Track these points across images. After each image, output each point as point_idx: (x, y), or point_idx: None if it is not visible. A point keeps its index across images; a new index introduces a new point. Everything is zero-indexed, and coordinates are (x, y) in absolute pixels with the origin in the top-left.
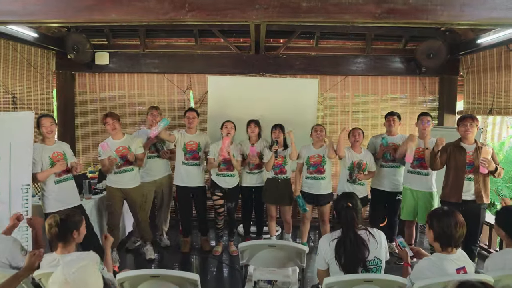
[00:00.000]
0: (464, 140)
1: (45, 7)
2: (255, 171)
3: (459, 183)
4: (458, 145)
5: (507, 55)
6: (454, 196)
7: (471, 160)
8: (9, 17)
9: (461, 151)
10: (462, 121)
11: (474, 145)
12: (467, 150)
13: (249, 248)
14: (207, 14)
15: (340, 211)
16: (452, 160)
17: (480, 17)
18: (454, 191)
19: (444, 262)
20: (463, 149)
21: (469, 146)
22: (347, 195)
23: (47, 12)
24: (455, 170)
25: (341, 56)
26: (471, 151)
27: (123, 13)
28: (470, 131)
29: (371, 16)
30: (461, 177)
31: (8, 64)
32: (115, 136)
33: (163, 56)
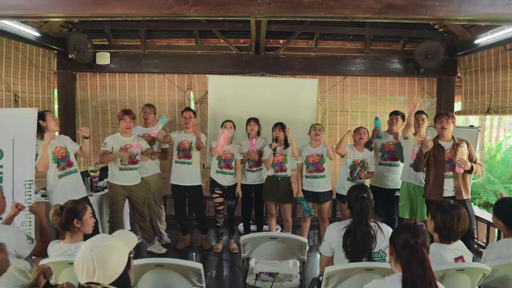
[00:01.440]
0: (441, 137)
1: (51, 2)
2: (254, 169)
3: (440, 181)
4: (437, 143)
5: (504, 55)
6: (436, 194)
7: (450, 158)
8: (15, 11)
9: (440, 149)
10: (438, 118)
11: (451, 141)
12: (445, 148)
13: (250, 241)
14: (210, 8)
15: (355, 202)
16: (432, 158)
17: (477, 12)
18: (435, 189)
19: (443, 252)
20: (441, 147)
21: (446, 143)
22: (361, 186)
23: (53, 6)
24: (436, 168)
25: (340, 56)
26: (449, 148)
27: (127, 8)
28: (446, 128)
29: (371, 11)
30: (442, 175)
31: (10, 62)
32: (126, 134)
33: (164, 56)
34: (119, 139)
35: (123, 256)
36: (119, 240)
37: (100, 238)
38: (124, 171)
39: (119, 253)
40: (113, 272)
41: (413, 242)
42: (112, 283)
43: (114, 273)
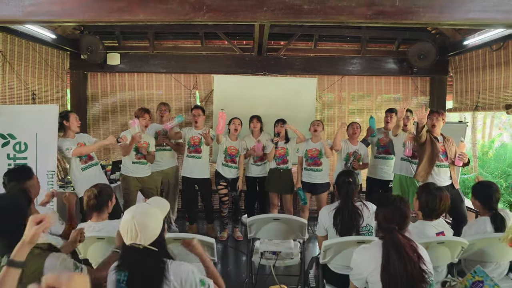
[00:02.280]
0: (432, 132)
1: (81, 8)
2: (259, 163)
3: (431, 165)
4: (432, 136)
5: (490, 55)
6: (422, 177)
7: (444, 149)
8: (49, 17)
9: (436, 140)
10: (429, 115)
11: (441, 137)
12: (439, 140)
13: (256, 222)
14: (222, 15)
15: (342, 185)
16: (428, 146)
17: (457, 18)
18: (423, 172)
19: (426, 228)
20: (436, 138)
21: (438, 138)
22: (348, 172)
23: (83, 12)
24: (430, 156)
25: (338, 57)
26: (441, 142)
27: (149, 14)
28: (436, 124)
29: (363, 17)
30: (434, 160)
31: (29, 63)
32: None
33: (171, 57)
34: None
35: (159, 222)
36: (156, 208)
37: (140, 207)
38: (137, 164)
39: (156, 219)
40: (152, 235)
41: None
42: (151, 244)
43: (152, 235)
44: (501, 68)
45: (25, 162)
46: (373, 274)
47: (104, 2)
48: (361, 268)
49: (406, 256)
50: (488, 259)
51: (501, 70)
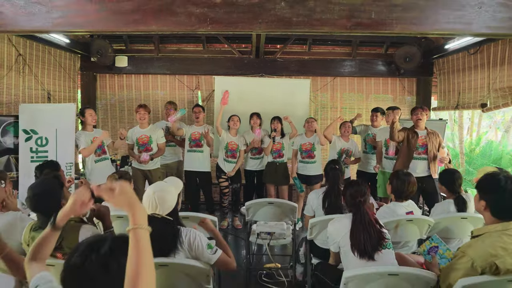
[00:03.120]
0: (416, 126)
1: (102, 21)
2: (256, 156)
3: (408, 160)
4: (413, 130)
5: (469, 58)
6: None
7: (424, 143)
8: (74, 28)
9: (414, 135)
10: (414, 111)
11: (425, 131)
12: (420, 135)
13: (253, 206)
14: (223, 26)
15: (329, 172)
16: (405, 141)
17: (425, 29)
18: (401, 166)
19: (397, 208)
20: (416, 133)
21: (421, 132)
22: (334, 161)
23: (104, 24)
24: (407, 150)
25: (331, 59)
26: (424, 136)
27: (160, 25)
28: (420, 119)
29: (344, 28)
30: (411, 155)
31: (45, 65)
32: (142, 125)
33: (175, 59)
34: (137, 131)
35: (174, 197)
36: (171, 186)
37: (159, 184)
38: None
39: (171, 195)
40: (168, 206)
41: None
42: (167, 214)
43: (169, 207)
44: (477, 70)
45: (46, 155)
46: (343, 239)
47: (122, 15)
48: (334, 235)
49: (371, 224)
50: (452, 235)
51: (478, 72)
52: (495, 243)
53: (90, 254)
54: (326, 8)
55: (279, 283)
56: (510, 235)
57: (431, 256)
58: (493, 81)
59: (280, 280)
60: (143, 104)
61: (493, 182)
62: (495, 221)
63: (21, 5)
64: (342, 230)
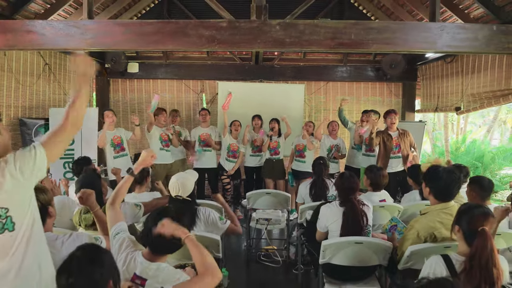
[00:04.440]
0: (389, 129)
1: (127, 41)
2: (257, 154)
3: (386, 159)
4: (387, 132)
5: (446, 66)
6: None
7: (397, 143)
8: (103, 46)
9: (389, 137)
10: (387, 115)
11: (397, 132)
12: (393, 136)
13: (253, 196)
14: (228, 45)
15: (315, 165)
16: (382, 143)
17: (396, 48)
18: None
19: (373, 196)
20: (390, 135)
21: (394, 133)
22: (320, 157)
23: (127, 43)
24: (384, 150)
25: (324, 66)
26: (396, 136)
27: (176, 45)
28: (393, 122)
29: (328, 47)
30: (388, 155)
31: (66, 72)
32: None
33: (181, 65)
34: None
35: (192, 184)
36: (190, 175)
37: (181, 174)
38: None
39: (190, 182)
40: (188, 191)
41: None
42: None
43: (188, 191)
44: (453, 77)
45: (72, 153)
46: (334, 225)
47: (143, 36)
48: (323, 219)
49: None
50: None
51: (454, 78)
52: (434, 218)
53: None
54: (313, 31)
55: (275, 262)
56: (446, 212)
57: (391, 233)
58: (466, 87)
59: (276, 260)
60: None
61: (434, 173)
62: (436, 202)
63: (60, 27)
64: (333, 217)
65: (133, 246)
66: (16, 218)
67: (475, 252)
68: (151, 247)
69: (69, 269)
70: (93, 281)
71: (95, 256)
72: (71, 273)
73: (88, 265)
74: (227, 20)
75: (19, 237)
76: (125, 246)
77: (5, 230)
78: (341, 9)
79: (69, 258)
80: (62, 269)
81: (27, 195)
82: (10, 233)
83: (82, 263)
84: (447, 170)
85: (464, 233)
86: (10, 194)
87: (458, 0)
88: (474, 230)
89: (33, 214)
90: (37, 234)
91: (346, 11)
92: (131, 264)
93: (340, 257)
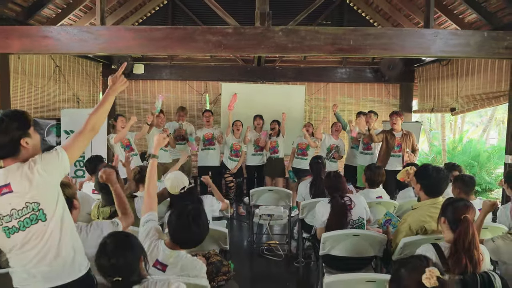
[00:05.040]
0: (393, 129)
1: (138, 46)
2: (259, 153)
3: (387, 157)
4: (391, 132)
5: (442, 68)
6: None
7: (399, 142)
8: (115, 51)
9: (392, 136)
10: (390, 116)
11: (401, 132)
12: (396, 136)
13: (256, 193)
14: (234, 50)
15: (313, 165)
16: (385, 141)
17: (392, 53)
18: (381, 162)
19: (370, 193)
20: (393, 135)
21: (397, 133)
22: (318, 156)
23: (139, 49)
24: (386, 148)
25: (323, 67)
26: (399, 137)
27: (184, 50)
28: (395, 123)
29: (328, 52)
30: (389, 153)
31: (75, 74)
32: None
33: (185, 67)
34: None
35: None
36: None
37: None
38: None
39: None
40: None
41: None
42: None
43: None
44: (449, 79)
45: (83, 153)
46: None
47: (154, 41)
48: (319, 216)
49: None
50: None
51: (449, 80)
52: (425, 212)
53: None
54: (314, 37)
55: (277, 256)
56: (436, 207)
57: (386, 227)
58: (461, 89)
59: (278, 253)
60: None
61: (424, 171)
62: (426, 198)
63: (74, 33)
64: (326, 213)
65: (158, 235)
66: (47, 210)
67: (459, 237)
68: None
69: (107, 253)
70: (128, 261)
71: (125, 241)
72: (110, 256)
73: (122, 249)
74: (232, 27)
75: (52, 225)
76: (151, 235)
77: (39, 220)
78: (341, 13)
79: (103, 244)
80: (100, 253)
81: (54, 190)
82: (43, 223)
83: (116, 248)
84: (436, 169)
85: (449, 222)
86: (40, 190)
87: (453, 6)
88: (458, 219)
89: (62, 206)
90: (67, 222)
91: (345, 14)
92: (154, 251)
93: (339, 249)
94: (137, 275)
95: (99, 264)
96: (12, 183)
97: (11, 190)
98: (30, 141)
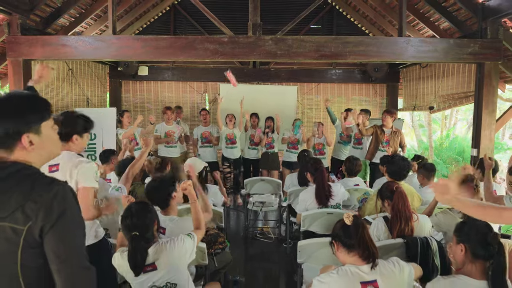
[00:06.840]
0: (384, 126)
1: (145, 53)
2: (254, 147)
3: (375, 150)
4: (381, 127)
5: (422, 70)
6: (370, 157)
7: (388, 139)
8: (125, 57)
9: (382, 132)
10: (382, 114)
11: (390, 129)
12: (386, 132)
13: (250, 182)
14: (229, 56)
15: (301, 157)
16: (374, 136)
17: (369, 58)
18: (369, 155)
19: (348, 181)
20: (383, 131)
21: (387, 130)
22: (305, 150)
23: (146, 55)
24: (375, 142)
25: (315, 69)
26: (389, 133)
27: (186, 56)
28: (385, 121)
29: (312, 58)
30: (377, 147)
31: (85, 76)
32: (168, 123)
33: (186, 69)
34: (163, 127)
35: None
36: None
37: (193, 158)
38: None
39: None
40: (198, 169)
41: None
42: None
43: (198, 170)
44: (428, 80)
45: (95, 146)
46: (310, 203)
47: (159, 49)
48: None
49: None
50: None
51: (428, 81)
52: None
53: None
54: (300, 45)
55: (268, 238)
56: None
57: (363, 204)
58: (438, 89)
59: (270, 236)
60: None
61: (391, 158)
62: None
63: (89, 42)
64: (310, 198)
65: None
66: None
67: (394, 203)
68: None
69: (132, 214)
70: (146, 221)
71: (145, 206)
72: (133, 215)
73: (143, 211)
74: (228, 36)
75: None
76: None
77: None
78: (331, 17)
79: (128, 208)
80: (125, 215)
81: None
82: None
83: (138, 210)
84: (401, 158)
85: (388, 197)
86: None
87: (429, 14)
88: (391, 190)
89: None
90: None
91: (335, 19)
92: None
93: (316, 225)
94: (151, 234)
95: (125, 224)
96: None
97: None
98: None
